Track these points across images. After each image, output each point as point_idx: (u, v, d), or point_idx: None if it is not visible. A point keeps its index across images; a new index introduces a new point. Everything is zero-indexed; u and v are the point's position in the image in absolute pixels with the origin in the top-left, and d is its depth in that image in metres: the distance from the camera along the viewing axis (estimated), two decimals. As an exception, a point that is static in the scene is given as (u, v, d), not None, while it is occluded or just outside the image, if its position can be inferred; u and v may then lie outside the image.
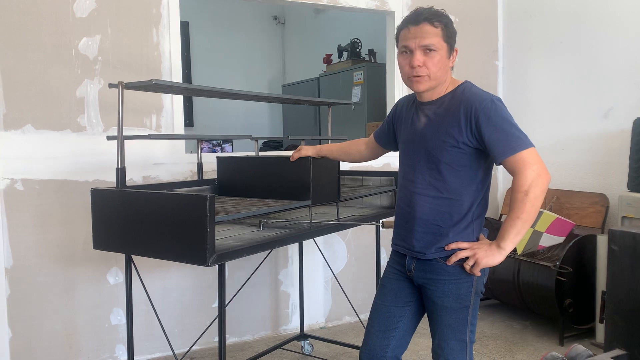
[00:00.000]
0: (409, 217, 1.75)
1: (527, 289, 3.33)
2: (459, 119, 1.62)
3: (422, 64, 1.64)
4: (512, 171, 1.59)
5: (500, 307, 3.88)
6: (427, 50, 1.63)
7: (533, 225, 3.29)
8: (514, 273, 3.39)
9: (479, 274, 1.67)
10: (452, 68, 1.74)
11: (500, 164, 1.62)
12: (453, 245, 1.68)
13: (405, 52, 1.67)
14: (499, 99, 1.64)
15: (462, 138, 1.62)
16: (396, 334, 1.81)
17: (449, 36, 1.66)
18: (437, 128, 1.67)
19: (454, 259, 1.67)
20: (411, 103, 1.83)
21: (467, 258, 1.66)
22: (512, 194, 1.60)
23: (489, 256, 1.63)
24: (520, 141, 1.57)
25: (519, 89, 4.05)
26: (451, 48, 1.68)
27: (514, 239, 1.60)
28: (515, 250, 3.35)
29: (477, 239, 1.72)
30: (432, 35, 1.62)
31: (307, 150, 2.20)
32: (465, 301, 1.70)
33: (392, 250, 1.88)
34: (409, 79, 1.69)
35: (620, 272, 2.52)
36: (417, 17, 1.64)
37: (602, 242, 3.05)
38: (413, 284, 1.80)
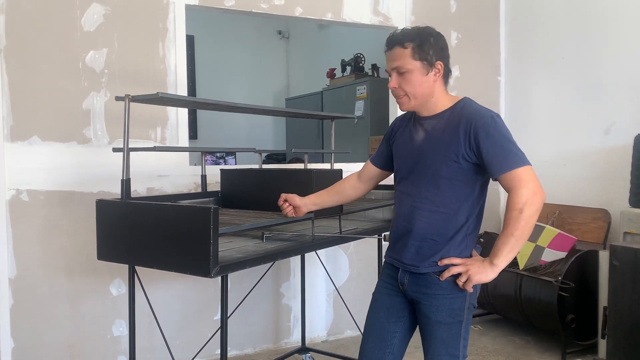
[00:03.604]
0: (406, 230, 1.75)
1: (529, 304, 3.32)
2: (458, 134, 1.64)
3: (397, 85, 1.69)
4: (507, 188, 1.60)
5: (502, 322, 3.86)
6: (399, 72, 1.67)
7: (535, 240, 3.29)
8: (515, 288, 3.38)
9: (471, 290, 1.68)
10: (447, 82, 1.74)
11: (496, 179, 1.63)
12: (446, 261, 1.68)
13: (389, 76, 1.72)
14: (499, 116, 1.66)
15: (461, 153, 1.63)
16: (392, 349, 1.81)
17: (424, 53, 1.65)
18: (436, 142, 1.69)
19: (446, 274, 1.67)
20: (408, 119, 1.84)
21: (459, 274, 1.67)
22: (506, 211, 1.60)
23: (481, 272, 1.64)
24: (518, 158, 1.59)
25: (521, 104, 4.07)
26: (430, 64, 1.67)
27: (507, 256, 1.61)
28: (517, 265, 3.35)
29: (470, 255, 1.72)
30: (400, 56, 1.66)
31: (293, 199, 1.98)
32: (459, 316, 1.70)
33: (386, 263, 1.88)
34: (396, 101, 1.75)
35: (621, 288, 2.53)
36: (390, 42, 1.70)
37: (604, 257, 3.04)
38: (405, 299, 1.80)
